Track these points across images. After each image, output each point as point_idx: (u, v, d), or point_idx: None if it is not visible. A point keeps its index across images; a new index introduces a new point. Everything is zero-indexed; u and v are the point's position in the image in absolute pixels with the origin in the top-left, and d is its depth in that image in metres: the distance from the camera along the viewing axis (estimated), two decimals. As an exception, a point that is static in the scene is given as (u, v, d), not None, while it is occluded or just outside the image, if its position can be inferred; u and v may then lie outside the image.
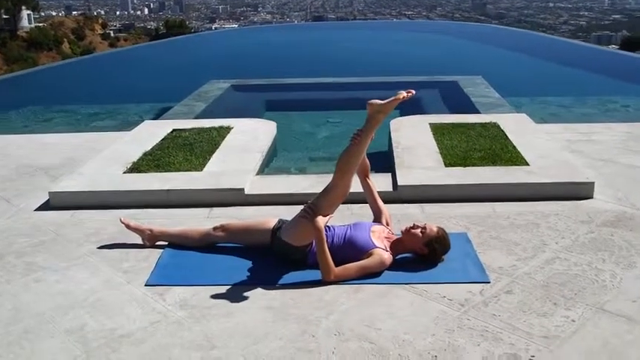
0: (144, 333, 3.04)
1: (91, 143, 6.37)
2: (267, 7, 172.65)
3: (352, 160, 3.57)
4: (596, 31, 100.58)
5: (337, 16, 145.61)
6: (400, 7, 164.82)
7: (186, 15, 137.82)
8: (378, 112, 3.54)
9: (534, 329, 3.02)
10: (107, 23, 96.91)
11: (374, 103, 3.54)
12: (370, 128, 3.57)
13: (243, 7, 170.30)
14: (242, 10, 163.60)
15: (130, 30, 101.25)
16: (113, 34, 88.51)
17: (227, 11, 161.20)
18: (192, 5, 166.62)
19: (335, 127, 7.60)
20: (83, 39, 76.16)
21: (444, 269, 3.61)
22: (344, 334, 3.00)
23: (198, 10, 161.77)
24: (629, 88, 10.20)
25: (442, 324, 3.08)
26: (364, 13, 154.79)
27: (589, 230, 4.14)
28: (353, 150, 3.57)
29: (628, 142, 6.10)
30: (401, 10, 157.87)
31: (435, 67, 11.68)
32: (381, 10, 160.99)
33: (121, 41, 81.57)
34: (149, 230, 3.98)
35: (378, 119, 3.56)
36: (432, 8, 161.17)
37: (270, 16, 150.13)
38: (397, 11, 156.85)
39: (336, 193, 3.55)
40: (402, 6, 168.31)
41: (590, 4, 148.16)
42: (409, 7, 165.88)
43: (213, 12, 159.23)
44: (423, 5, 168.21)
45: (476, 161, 5.10)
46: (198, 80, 10.73)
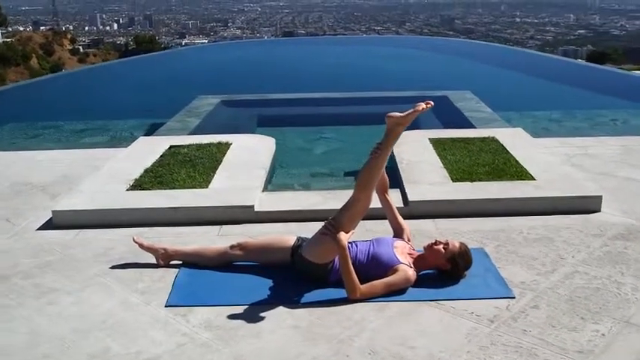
0: (172, 356, 2.95)
1: (87, 160, 6.23)
2: (237, 22, 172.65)
3: (373, 174, 3.54)
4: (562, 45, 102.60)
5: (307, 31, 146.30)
6: (369, 23, 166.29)
7: (156, 30, 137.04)
8: (397, 124, 3.51)
9: (567, 344, 3.01)
10: (76, 38, 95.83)
11: (393, 116, 3.52)
12: (390, 141, 3.54)
13: (212, 22, 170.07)
14: (212, 26, 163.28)
15: (100, 45, 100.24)
16: (82, 50, 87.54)
17: (197, 27, 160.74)
18: (161, 21, 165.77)
19: (330, 143, 7.58)
20: (52, 54, 75.15)
21: (467, 285, 3.58)
22: (378, 353, 2.95)
23: (168, 26, 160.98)
24: (612, 101, 10.39)
25: (475, 341, 3.05)
26: (334, 29, 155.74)
27: (603, 244, 4.16)
28: (373, 164, 3.53)
29: (624, 155, 6.18)
30: (370, 26, 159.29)
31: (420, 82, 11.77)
32: (351, 26, 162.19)
33: (90, 57, 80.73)
34: (163, 249, 3.89)
35: (398, 132, 3.54)
36: (401, 24, 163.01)
37: (240, 32, 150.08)
38: (366, 27, 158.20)
39: (357, 208, 3.51)
40: (371, 21, 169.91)
41: (556, 19, 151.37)
42: (378, 22, 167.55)
43: (183, 27, 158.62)
44: (392, 21, 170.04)
45: (482, 176, 5.11)
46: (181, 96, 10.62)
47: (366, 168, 3.54)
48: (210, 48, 25.62)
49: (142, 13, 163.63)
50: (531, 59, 17.79)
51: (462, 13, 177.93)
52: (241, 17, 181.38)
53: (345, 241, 3.40)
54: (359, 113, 9.02)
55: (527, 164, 5.37)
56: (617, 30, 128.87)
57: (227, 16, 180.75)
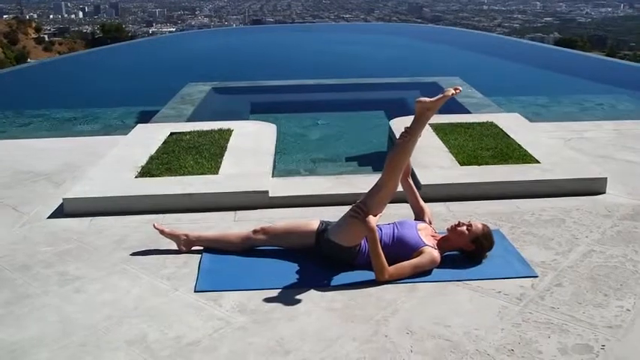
0: (212, 340, 2.96)
1: (86, 148, 6.15)
2: (204, 10, 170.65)
3: (402, 158, 3.58)
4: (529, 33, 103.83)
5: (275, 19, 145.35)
6: (338, 11, 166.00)
7: (123, 19, 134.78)
8: (427, 109, 3.55)
9: (595, 320, 3.10)
10: (41, 27, 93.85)
11: (423, 101, 3.55)
12: (419, 126, 3.57)
13: (180, 10, 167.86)
14: (179, 14, 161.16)
15: (65, 34, 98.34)
16: (48, 39, 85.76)
17: (164, 15, 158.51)
18: (128, 9, 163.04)
19: (325, 129, 7.60)
20: (16, 43, 73.48)
21: (491, 265, 3.65)
22: (416, 332, 3.00)
23: (135, 14, 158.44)
24: (593, 86, 10.59)
25: (507, 318, 3.12)
26: (302, 17, 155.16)
27: (613, 224, 4.27)
28: (402, 149, 3.57)
29: (619, 139, 6.33)
30: (339, 14, 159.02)
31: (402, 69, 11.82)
32: (319, 14, 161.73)
33: (56, 45, 79.14)
34: (185, 235, 3.88)
35: (427, 116, 3.58)
36: (370, 12, 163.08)
37: (208, 20, 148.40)
38: (335, 14, 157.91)
39: (385, 192, 3.55)
40: (339, 9, 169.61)
41: (523, 6, 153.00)
42: (347, 10, 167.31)
43: (149, 15, 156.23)
44: (360, 9, 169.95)
45: (488, 160, 5.19)
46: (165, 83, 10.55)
47: (395, 153, 3.57)
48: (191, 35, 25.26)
49: (107, 1, 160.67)
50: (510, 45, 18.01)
51: (430, 0, 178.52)
52: (209, 5, 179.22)
53: (374, 223, 3.43)
54: (351, 100, 9.06)
55: (530, 148, 5.47)
56: (583, 17, 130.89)
57: (194, 4, 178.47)
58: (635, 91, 9.86)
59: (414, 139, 3.57)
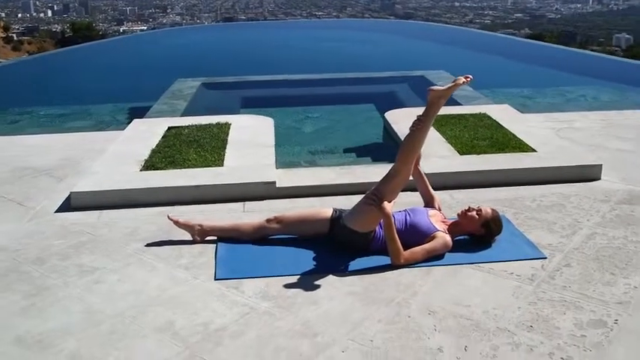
0: (239, 325, 3.02)
1: (82, 143, 6.14)
2: (176, 8, 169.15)
3: (415, 146, 3.67)
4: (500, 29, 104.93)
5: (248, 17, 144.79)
6: (310, 8, 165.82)
7: (93, 17, 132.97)
8: (439, 97, 3.64)
9: (606, 297, 3.23)
10: (9, 26, 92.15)
11: (435, 89, 3.65)
12: (431, 114, 3.67)
13: (151, 8, 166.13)
14: (150, 12, 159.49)
15: (35, 33, 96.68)
16: (16, 38, 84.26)
17: (135, 13, 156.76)
18: (98, 7, 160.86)
19: (317, 122, 7.67)
20: (-16, 42, 72.15)
21: (500, 248, 3.77)
22: (437, 312, 3.10)
23: (105, 12, 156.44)
24: (574, 79, 10.82)
25: (522, 297, 3.23)
26: (275, 14, 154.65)
27: (611, 208, 4.42)
28: (415, 137, 3.66)
29: (607, 128, 6.51)
30: (311, 11, 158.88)
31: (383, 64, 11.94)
32: (292, 11, 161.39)
33: (25, 45, 77.80)
34: (199, 225, 3.92)
35: (439, 105, 3.67)
36: (342, 9, 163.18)
37: (180, 18, 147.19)
38: (307, 12, 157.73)
39: (399, 179, 3.64)
40: (312, 7, 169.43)
41: (494, 3, 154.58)
42: (319, 7, 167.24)
43: (120, 14, 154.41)
44: (332, 6, 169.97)
45: (486, 149, 5.31)
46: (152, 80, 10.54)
47: (409, 141, 3.66)
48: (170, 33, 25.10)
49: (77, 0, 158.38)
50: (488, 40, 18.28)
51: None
52: (180, 3, 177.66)
53: (389, 209, 3.52)
54: (341, 93, 9.15)
55: (524, 137, 5.61)
56: (553, 13, 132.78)
57: (166, 2, 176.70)
58: (613, 82, 10.11)
59: (426, 126, 3.66)
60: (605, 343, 2.83)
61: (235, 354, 2.79)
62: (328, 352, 2.80)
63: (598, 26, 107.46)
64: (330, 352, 2.79)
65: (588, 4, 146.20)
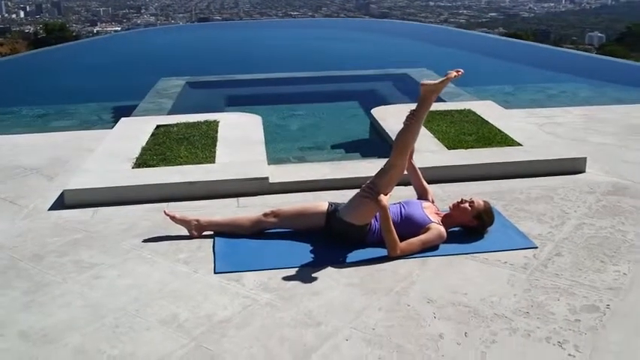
0: (242, 317, 3.06)
1: (70, 142, 6.12)
2: (150, 9, 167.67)
3: (409, 140, 3.75)
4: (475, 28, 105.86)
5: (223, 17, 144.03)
6: (286, 8, 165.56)
7: (66, 18, 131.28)
8: (431, 91, 3.72)
9: (597, 283, 3.34)
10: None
11: (427, 84, 3.72)
12: (424, 108, 3.74)
13: (125, 9, 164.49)
14: (124, 13, 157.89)
15: (7, 34, 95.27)
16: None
17: (109, 14, 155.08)
18: (71, 8, 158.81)
19: (303, 119, 7.73)
20: (-46, 44, 70.99)
21: (493, 239, 3.86)
22: (436, 301, 3.18)
23: (78, 13, 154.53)
24: (553, 76, 11.02)
25: (517, 285, 3.33)
26: (250, 14, 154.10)
27: (597, 199, 4.54)
28: (409, 130, 3.73)
29: (588, 123, 6.66)
30: (287, 11, 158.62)
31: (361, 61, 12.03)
32: (267, 11, 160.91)
33: (-4, 45, 76.70)
34: (196, 221, 3.96)
35: (432, 99, 3.75)
36: (318, 8, 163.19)
37: (154, 19, 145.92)
38: (283, 12, 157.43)
39: (394, 173, 3.71)
40: (287, 7, 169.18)
41: (469, 2, 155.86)
42: (294, 7, 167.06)
43: (93, 14, 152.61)
44: (308, 6, 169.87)
45: (473, 144, 5.41)
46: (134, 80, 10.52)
47: (403, 135, 3.73)
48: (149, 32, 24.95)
49: (49, 0, 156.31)
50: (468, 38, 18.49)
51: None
52: (155, 4, 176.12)
53: (386, 201, 3.59)
54: (326, 91, 9.22)
55: (509, 132, 5.72)
56: (527, 12, 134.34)
57: (140, 3, 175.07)
58: (591, 79, 10.33)
59: (419, 120, 3.74)
60: (599, 327, 2.93)
61: (241, 345, 2.84)
62: (332, 340, 2.86)
63: (571, 25, 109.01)
64: (334, 341, 2.85)
65: (561, 3, 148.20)
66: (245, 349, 2.81)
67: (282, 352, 2.78)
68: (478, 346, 2.79)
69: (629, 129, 6.43)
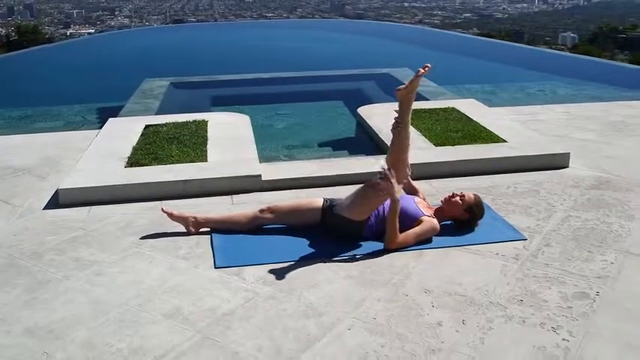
0: (245, 309, 3.13)
1: (59, 143, 6.11)
2: (124, 10, 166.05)
3: (403, 146, 3.84)
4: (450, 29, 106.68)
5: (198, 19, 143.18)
6: (260, 10, 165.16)
7: (39, 20, 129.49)
8: (407, 93, 3.82)
9: (586, 272, 3.47)
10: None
11: (400, 89, 3.84)
12: (406, 111, 3.85)
13: (99, 10, 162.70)
14: (98, 15, 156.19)
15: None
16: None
17: (82, 16, 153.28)
18: (43, 10, 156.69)
19: (288, 118, 7.80)
20: None
21: (483, 232, 3.98)
22: (433, 291, 3.28)
23: (51, 15, 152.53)
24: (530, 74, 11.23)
25: (510, 275, 3.44)
26: (225, 16, 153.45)
27: (581, 193, 4.69)
28: (401, 136, 3.84)
29: (570, 120, 6.84)
30: (261, 13, 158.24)
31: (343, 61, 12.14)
32: (242, 13, 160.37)
33: (-33, 48, 75.51)
34: (193, 217, 4.01)
35: (410, 99, 3.87)
36: (293, 10, 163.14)
37: (129, 20, 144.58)
38: (258, 14, 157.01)
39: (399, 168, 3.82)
40: (262, 8, 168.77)
41: (443, 3, 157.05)
42: (269, 9, 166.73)
43: (67, 17, 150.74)
44: (283, 7, 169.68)
45: (460, 140, 5.53)
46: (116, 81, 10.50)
47: (396, 142, 3.85)
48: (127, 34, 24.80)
49: (22, 2, 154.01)
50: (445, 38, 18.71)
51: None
52: (129, 5, 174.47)
53: (399, 195, 3.68)
54: (310, 91, 9.30)
55: (494, 129, 5.86)
56: (500, 13, 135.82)
57: (114, 5, 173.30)
58: (568, 78, 10.55)
59: (405, 124, 3.86)
60: (590, 313, 3.05)
61: (246, 336, 2.91)
62: (335, 330, 2.94)
63: (544, 25, 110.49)
64: (337, 331, 2.93)
65: (534, 3, 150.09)
66: (251, 339, 2.88)
67: (288, 341, 2.86)
68: (476, 333, 2.90)
69: (609, 125, 6.62)
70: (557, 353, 2.74)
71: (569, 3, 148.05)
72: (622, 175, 5.04)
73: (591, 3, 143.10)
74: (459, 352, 2.76)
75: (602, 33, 70.87)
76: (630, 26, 77.40)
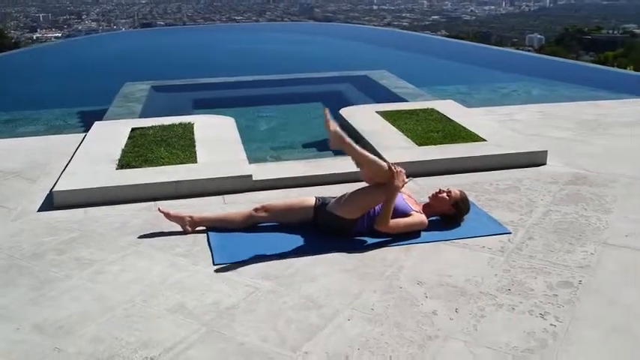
0: (248, 303, 3.26)
1: (45, 147, 6.14)
2: (91, 14, 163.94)
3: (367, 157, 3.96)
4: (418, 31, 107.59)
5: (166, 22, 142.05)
6: (230, 13, 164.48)
7: (4, 24, 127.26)
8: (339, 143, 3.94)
9: (568, 262, 3.67)
10: None
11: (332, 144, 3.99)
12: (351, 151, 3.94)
13: (66, 14, 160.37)
14: (65, 19, 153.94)
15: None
16: None
17: (48, 20, 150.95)
18: (9, 14, 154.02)
19: (270, 120, 7.92)
20: None
21: (469, 226, 4.16)
22: (425, 282, 3.44)
23: (17, 19, 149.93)
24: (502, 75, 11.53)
25: (497, 266, 3.62)
26: (194, 19, 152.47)
27: (560, 189, 4.91)
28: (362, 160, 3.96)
29: (544, 119, 7.09)
30: (231, 16, 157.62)
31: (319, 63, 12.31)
32: (211, 16, 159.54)
33: None
34: (189, 217, 4.12)
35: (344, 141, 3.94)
36: (262, 13, 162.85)
37: (96, 24, 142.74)
38: (227, 17, 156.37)
39: None
40: (231, 11, 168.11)
41: (411, 5, 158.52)
42: (239, 12, 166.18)
43: (33, 20, 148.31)
44: (252, 10, 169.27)
45: (441, 140, 5.72)
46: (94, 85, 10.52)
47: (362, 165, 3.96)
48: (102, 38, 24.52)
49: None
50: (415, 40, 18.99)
51: (320, 1, 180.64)
52: (96, 9, 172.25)
53: None
54: (289, 93, 9.44)
55: (473, 129, 6.06)
56: (468, 15, 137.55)
57: (80, 8, 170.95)
58: (540, 78, 10.87)
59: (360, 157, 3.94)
60: (575, 300, 3.24)
61: (251, 327, 3.03)
62: (335, 321, 3.08)
63: (511, 27, 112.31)
64: (338, 321, 3.07)
65: (501, 5, 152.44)
66: (256, 331, 3.00)
67: (291, 332, 2.99)
68: (469, 320, 3.06)
69: (582, 124, 6.89)
70: (545, 337, 2.92)
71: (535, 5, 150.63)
72: (597, 171, 5.28)
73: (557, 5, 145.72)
74: (455, 338, 2.92)
75: (568, 34, 72.37)
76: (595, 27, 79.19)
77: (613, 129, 6.74)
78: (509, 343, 2.87)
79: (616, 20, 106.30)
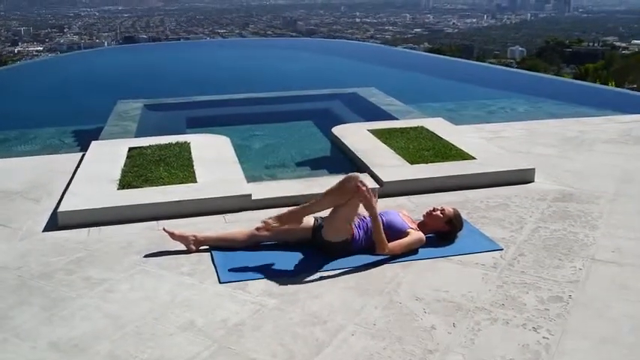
0: (255, 320, 3.40)
1: (45, 166, 6.23)
2: (73, 28, 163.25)
3: None
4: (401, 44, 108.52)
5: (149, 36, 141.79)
6: (213, 26, 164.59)
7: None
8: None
9: (558, 278, 3.86)
10: None
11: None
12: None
13: (47, 28, 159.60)
14: (47, 32, 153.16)
15: None
16: None
17: (30, 33, 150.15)
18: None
19: (264, 139, 8.07)
20: None
21: (463, 243, 4.34)
22: (423, 298, 3.61)
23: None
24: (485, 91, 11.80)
25: (490, 282, 3.80)
26: (177, 33, 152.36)
27: (548, 205, 5.11)
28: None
29: (530, 137, 7.32)
30: (213, 29, 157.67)
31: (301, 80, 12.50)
32: (194, 30, 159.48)
33: None
34: (193, 236, 4.26)
35: None
36: (245, 26, 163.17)
37: (78, 38, 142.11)
38: (210, 30, 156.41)
39: None
40: (214, 24, 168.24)
41: (394, 18, 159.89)
42: (222, 25, 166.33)
43: (14, 34, 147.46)
44: (235, 24, 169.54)
45: (432, 158, 5.91)
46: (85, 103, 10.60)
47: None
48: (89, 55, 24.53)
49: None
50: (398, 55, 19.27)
51: (303, 14, 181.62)
52: (78, 22, 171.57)
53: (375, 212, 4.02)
54: (281, 111, 9.61)
55: (463, 147, 6.26)
56: (450, 28, 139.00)
57: (62, 22, 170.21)
58: (524, 95, 11.15)
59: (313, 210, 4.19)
60: (565, 314, 3.43)
61: (260, 343, 3.18)
62: (340, 336, 3.24)
63: (493, 40, 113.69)
64: (342, 336, 3.23)
65: (483, 18, 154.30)
66: (264, 346, 3.15)
67: (298, 347, 3.14)
68: (467, 334, 3.23)
69: (567, 141, 7.12)
70: (539, 349, 3.10)
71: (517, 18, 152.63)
72: (583, 188, 5.50)
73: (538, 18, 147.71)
74: (454, 352, 3.09)
75: (549, 47, 73.36)
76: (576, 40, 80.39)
77: (596, 145, 6.98)
78: (505, 356, 3.04)
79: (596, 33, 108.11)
